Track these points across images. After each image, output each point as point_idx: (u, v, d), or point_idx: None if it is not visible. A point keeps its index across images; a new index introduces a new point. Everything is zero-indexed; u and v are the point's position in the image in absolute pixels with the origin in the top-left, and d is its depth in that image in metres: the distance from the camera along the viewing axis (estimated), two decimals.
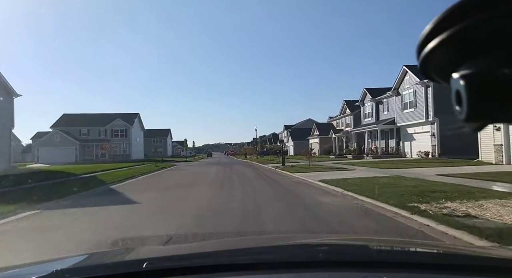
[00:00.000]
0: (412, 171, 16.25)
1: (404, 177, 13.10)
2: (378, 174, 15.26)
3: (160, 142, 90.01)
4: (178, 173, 23.62)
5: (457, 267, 1.25)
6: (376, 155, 33.07)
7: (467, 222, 5.53)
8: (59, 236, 5.98)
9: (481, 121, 0.44)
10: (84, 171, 23.99)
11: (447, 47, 0.44)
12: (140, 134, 67.44)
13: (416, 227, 5.76)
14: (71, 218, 7.74)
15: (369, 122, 37.67)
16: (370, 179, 13.14)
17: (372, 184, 11.28)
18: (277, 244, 1.98)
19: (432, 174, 13.93)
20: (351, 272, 1.22)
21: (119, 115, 60.75)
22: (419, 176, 13.42)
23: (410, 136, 30.51)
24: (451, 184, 10.39)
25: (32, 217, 7.94)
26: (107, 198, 11.20)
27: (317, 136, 53.58)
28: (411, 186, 10.30)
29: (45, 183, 15.28)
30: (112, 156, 57.34)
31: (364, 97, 39.28)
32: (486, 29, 0.41)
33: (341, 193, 10.17)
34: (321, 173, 17.27)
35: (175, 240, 5.16)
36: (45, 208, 8.91)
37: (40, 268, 1.50)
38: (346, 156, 39.30)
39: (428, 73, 0.49)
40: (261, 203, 9.15)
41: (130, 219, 7.50)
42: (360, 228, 6.04)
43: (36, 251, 5.00)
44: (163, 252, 1.92)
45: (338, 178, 13.94)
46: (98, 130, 59.64)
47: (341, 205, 8.44)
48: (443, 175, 13.30)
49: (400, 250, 1.74)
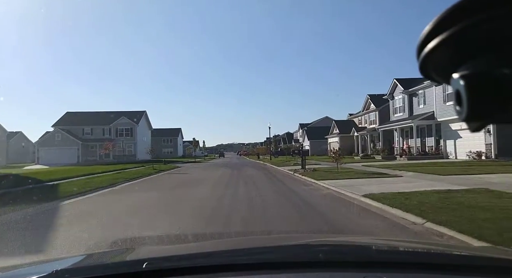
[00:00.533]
0: (491, 179, 11.48)
1: (506, 193, 8.35)
2: (447, 184, 10.49)
3: (170, 142, 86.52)
4: (174, 179, 19.30)
5: (457, 267, 1.26)
6: (411, 155, 28.10)
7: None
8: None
9: (481, 121, 0.44)
10: (66, 175, 19.99)
11: (447, 47, 0.44)
12: (147, 134, 63.73)
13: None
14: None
15: (400, 118, 32.65)
16: (447, 193, 8.41)
17: (466, 206, 6.65)
18: (278, 244, 1.99)
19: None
20: (351, 272, 1.22)
21: (124, 113, 57.08)
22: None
23: (455, 134, 25.43)
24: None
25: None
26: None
27: (337, 135, 48.65)
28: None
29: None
30: (116, 157, 53.74)
31: (394, 89, 34.23)
32: (486, 29, 0.41)
33: (426, 229, 5.56)
34: (357, 181, 12.65)
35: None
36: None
37: (40, 268, 1.52)
38: (374, 156, 34.36)
39: (428, 74, 0.49)
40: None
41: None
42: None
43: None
44: (163, 252, 1.89)
45: (392, 190, 9.30)
46: (102, 129, 56.12)
47: None
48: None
49: (400, 250, 1.74)
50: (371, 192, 9.18)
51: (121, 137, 55.88)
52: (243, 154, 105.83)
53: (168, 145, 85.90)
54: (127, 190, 13.96)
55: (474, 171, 14.49)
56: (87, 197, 11.50)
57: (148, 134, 64.10)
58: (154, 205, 9.49)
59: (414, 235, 5.27)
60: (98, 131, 55.85)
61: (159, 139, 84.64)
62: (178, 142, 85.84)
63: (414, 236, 5.24)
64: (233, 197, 10.51)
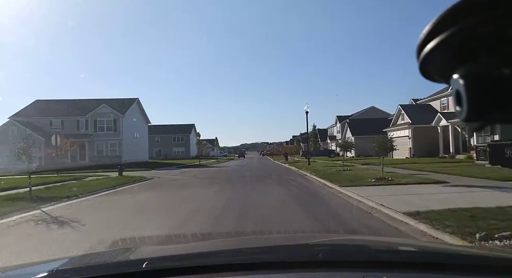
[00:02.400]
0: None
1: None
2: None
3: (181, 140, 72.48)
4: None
5: (456, 266, 1.26)
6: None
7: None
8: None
9: (481, 121, 0.44)
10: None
11: (447, 47, 0.43)
12: (142, 129, 49.20)
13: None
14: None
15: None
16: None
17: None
18: (277, 244, 1.98)
19: None
20: (351, 272, 1.21)
21: (107, 101, 42.73)
22: None
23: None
24: None
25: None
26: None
27: (408, 125, 31.99)
28: None
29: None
30: (95, 158, 39.60)
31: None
32: (485, 30, 0.40)
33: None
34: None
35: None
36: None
37: (40, 268, 1.51)
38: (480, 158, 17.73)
39: (428, 74, 0.49)
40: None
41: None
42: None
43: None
44: (163, 252, 1.87)
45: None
46: (76, 121, 41.98)
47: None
48: None
49: (399, 250, 1.72)
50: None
51: (101, 132, 41.59)
52: (267, 154, 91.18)
53: (179, 143, 72.34)
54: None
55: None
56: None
57: (143, 130, 49.62)
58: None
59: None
60: (71, 124, 41.64)
61: (169, 136, 71.17)
62: (190, 140, 70.85)
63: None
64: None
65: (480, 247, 3.07)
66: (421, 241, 4.05)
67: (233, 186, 13.77)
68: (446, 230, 5.08)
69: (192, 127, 73.67)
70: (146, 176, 20.17)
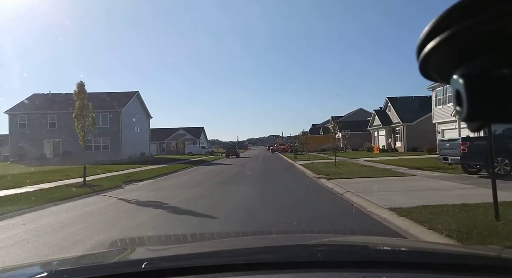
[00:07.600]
0: None
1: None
2: None
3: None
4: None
5: (456, 266, 1.25)
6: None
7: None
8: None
9: (481, 121, 0.44)
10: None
11: (447, 47, 0.43)
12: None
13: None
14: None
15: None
16: None
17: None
18: (277, 244, 1.99)
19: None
20: (351, 272, 1.21)
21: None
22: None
23: None
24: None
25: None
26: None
27: None
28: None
29: None
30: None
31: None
32: (485, 29, 0.40)
33: None
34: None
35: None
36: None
37: (40, 268, 1.50)
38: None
39: (428, 74, 0.49)
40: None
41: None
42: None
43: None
44: (162, 252, 1.88)
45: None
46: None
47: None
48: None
49: (399, 250, 1.73)
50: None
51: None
52: (278, 150, 59.30)
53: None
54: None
55: None
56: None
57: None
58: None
59: None
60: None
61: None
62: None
63: None
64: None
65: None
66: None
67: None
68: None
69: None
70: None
